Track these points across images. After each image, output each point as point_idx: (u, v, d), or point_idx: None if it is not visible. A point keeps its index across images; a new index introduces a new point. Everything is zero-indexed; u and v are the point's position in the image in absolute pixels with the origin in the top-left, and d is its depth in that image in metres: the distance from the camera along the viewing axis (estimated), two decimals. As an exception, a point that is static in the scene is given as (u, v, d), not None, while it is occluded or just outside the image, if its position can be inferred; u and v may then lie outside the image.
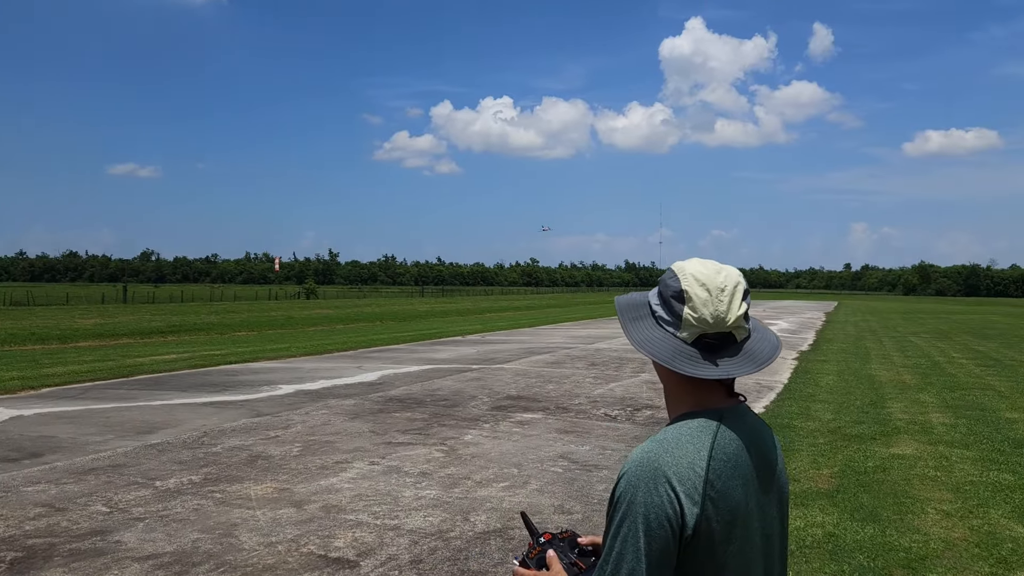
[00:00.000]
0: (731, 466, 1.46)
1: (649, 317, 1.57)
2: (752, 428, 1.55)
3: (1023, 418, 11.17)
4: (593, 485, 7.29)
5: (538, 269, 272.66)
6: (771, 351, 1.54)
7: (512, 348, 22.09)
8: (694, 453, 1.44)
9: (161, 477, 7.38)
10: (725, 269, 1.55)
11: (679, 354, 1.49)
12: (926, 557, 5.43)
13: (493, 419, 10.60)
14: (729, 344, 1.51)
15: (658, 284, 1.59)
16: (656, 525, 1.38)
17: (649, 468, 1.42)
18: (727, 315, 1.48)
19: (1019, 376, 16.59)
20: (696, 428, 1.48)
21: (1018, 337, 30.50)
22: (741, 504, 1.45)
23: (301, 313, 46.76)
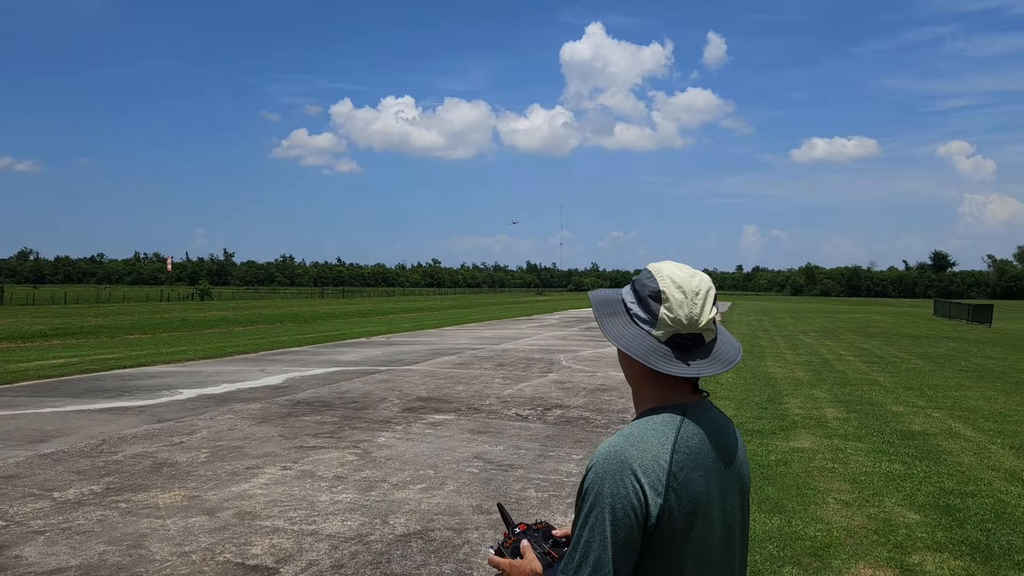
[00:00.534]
0: (693, 458, 1.53)
1: (623, 314, 1.64)
2: (715, 422, 1.63)
3: (908, 411, 11.86)
4: (510, 484, 7.35)
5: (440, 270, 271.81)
6: (735, 352, 1.64)
7: (419, 349, 21.98)
8: (658, 446, 1.52)
9: (59, 488, 7.02)
10: (698, 274, 1.63)
11: (654, 352, 1.57)
12: (830, 545, 5.71)
13: (405, 421, 10.54)
14: (698, 345, 1.59)
15: (632, 283, 1.66)
16: (622, 515, 1.47)
17: (615, 461, 1.50)
18: (700, 317, 1.57)
19: (901, 372, 17.59)
20: (661, 422, 1.56)
21: (898, 335, 32.31)
22: (703, 494, 1.53)
23: (196, 315, 45.21)
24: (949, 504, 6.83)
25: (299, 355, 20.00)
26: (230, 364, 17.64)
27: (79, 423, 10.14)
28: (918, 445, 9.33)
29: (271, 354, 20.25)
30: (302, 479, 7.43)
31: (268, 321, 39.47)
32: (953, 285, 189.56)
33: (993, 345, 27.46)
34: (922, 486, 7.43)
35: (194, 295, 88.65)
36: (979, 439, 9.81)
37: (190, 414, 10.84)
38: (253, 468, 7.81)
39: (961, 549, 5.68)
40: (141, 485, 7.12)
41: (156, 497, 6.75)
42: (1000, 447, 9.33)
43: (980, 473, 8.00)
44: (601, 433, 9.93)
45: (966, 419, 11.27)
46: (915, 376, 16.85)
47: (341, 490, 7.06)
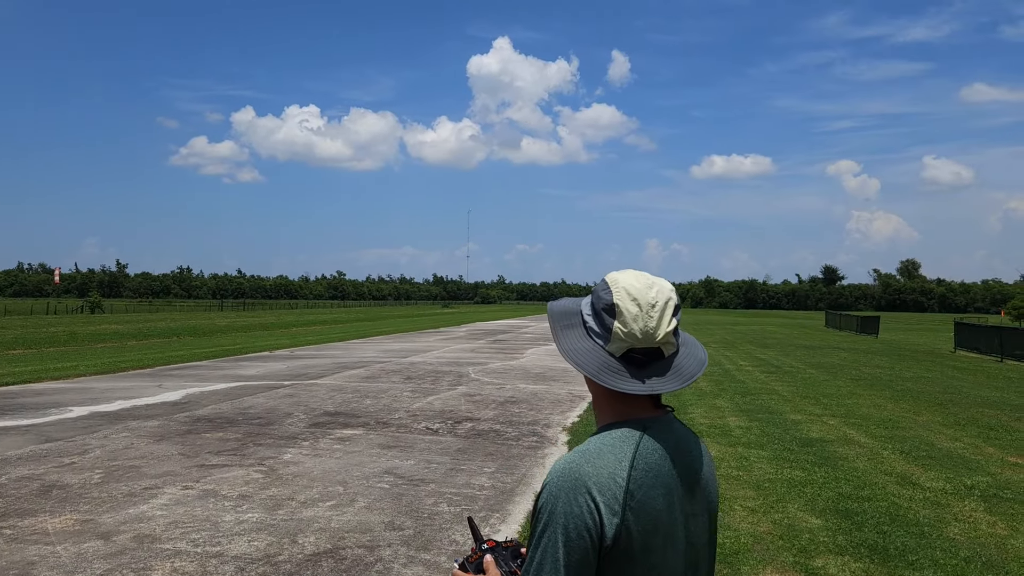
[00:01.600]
0: (653, 476, 1.46)
1: (580, 327, 1.57)
2: (678, 438, 1.54)
3: (806, 419, 12.31)
4: (422, 499, 7.24)
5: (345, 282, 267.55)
6: (697, 366, 1.55)
7: (324, 363, 21.54)
8: (615, 463, 1.44)
9: (-64, 514, 6.53)
10: (657, 284, 1.55)
11: (606, 368, 1.49)
12: (739, 551, 5.84)
13: (312, 436, 10.28)
14: (657, 359, 1.51)
15: (591, 294, 1.58)
16: (575, 535, 1.39)
17: (570, 478, 1.42)
18: (656, 331, 1.49)
19: (798, 381, 18.27)
20: (619, 438, 1.48)
21: (793, 346, 33.59)
22: (663, 513, 1.45)
23: (86, 328, 43.09)
24: (848, 508, 7.10)
25: (198, 370, 19.30)
26: (124, 380, 16.87)
27: (-42, 444, 9.48)
28: (817, 452, 9.69)
29: (168, 369, 19.48)
30: (205, 499, 7.14)
31: (164, 335, 37.97)
32: (842, 298, 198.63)
33: (881, 355, 28.88)
34: (822, 491, 7.70)
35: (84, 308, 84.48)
36: (872, 445, 10.26)
37: (81, 433, 10.30)
38: (152, 488, 7.46)
39: (860, 552, 5.91)
40: (28, 510, 6.70)
41: (45, 522, 6.36)
42: (891, 452, 9.78)
43: (874, 478, 8.36)
44: (512, 446, 9.93)
45: (859, 426, 11.77)
46: (811, 385, 17.52)
47: (247, 509, 6.81)
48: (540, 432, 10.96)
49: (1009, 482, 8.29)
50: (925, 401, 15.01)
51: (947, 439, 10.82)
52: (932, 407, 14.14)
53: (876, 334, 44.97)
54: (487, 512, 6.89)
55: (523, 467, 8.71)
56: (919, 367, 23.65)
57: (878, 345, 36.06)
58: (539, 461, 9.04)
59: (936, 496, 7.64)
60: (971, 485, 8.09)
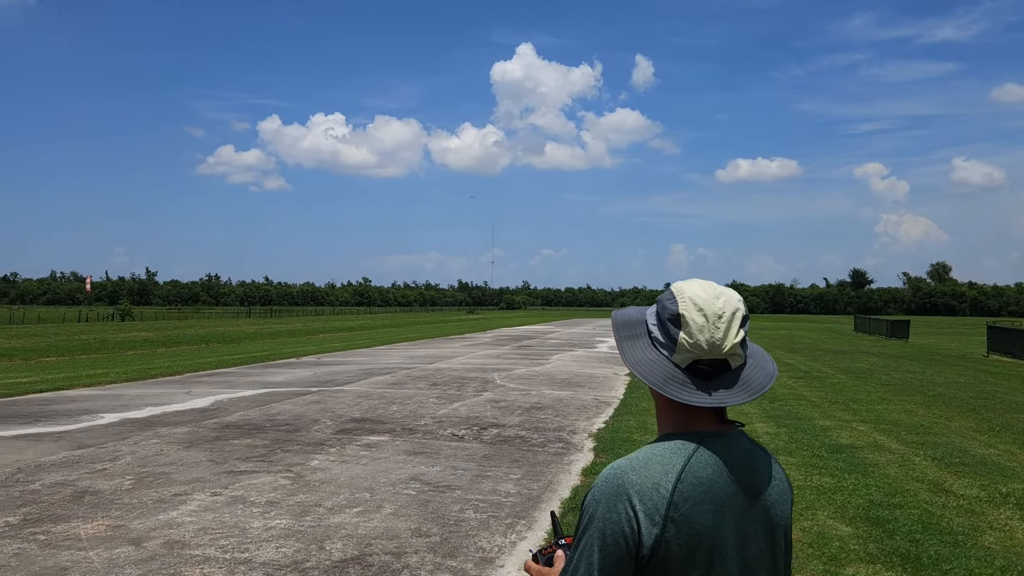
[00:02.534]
0: (702, 490, 1.43)
1: (644, 337, 1.55)
2: (741, 455, 1.50)
3: (835, 425, 12.17)
4: (448, 506, 7.25)
5: (370, 289, 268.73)
6: (766, 379, 1.51)
7: (350, 369, 21.65)
8: (661, 474, 1.42)
9: (-29, 520, 6.64)
10: (725, 294, 1.53)
11: (672, 379, 1.47)
12: (768, 559, 5.77)
13: (339, 443, 10.33)
14: (724, 371, 1.48)
15: (656, 303, 1.57)
16: (611, 541, 1.39)
17: (613, 485, 1.43)
18: (723, 342, 1.46)
19: (827, 387, 18.08)
20: (670, 449, 1.46)
21: (821, 350, 33.25)
22: (711, 530, 1.42)
23: (117, 336, 43.68)
24: (879, 516, 7.01)
25: (227, 376, 19.48)
26: (154, 386, 17.07)
27: (-8, 451, 9.64)
28: (846, 458, 9.57)
29: (197, 376, 19.67)
30: (233, 505, 7.19)
31: (193, 342, 38.38)
32: (871, 302, 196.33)
33: (911, 359, 28.48)
34: (852, 499, 7.60)
35: (114, 315, 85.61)
36: (903, 451, 10.11)
37: (113, 439, 10.43)
38: (181, 495, 7.53)
39: (892, 560, 5.82)
40: (61, 515, 6.79)
41: (78, 528, 6.44)
42: (923, 459, 9.63)
43: (906, 485, 8.24)
44: (538, 452, 9.91)
45: (890, 432, 11.62)
46: (840, 390, 17.33)
47: (274, 515, 6.86)
48: (566, 439, 10.93)
49: (1045, 489, 8.13)
50: (957, 407, 14.78)
51: (981, 445, 10.65)
52: (965, 413, 13.92)
53: (906, 338, 44.39)
54: (513, 519, 6.88)
55: (549, 474, 8.69)
56: (951, 372, 23.30)
57: (908, 349, 35.59)
58: (565, 468, 9.02)
59: (970, 504, 7.51)
60: (1006, 493, 7.95)
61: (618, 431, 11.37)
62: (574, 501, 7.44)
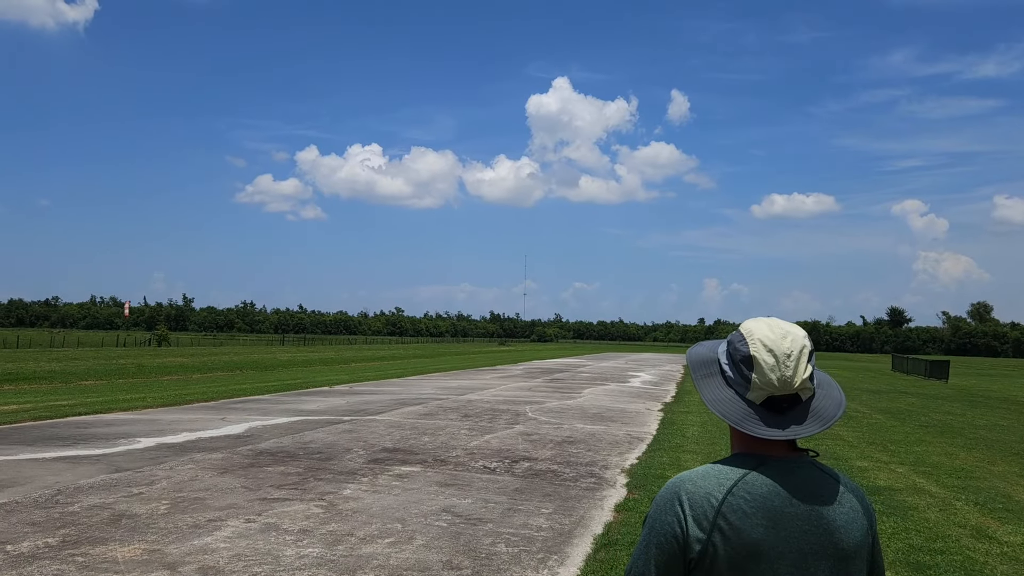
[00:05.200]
0: (755, 505, 1.53)
1: (718, 375, 1.67)
2: (803, 479, 1.58)
3: (873, 466, 11.94)
4: (480, 539, 7.22)
5: (403, 318, 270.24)
6: (835, 408, 1.61)
7: (383, 399, 21.72)
8: (715, 486, 1.56)
9: (12, 540, 6.75)
10: (791, 333, 1.63)
11: (748, 416, 1.59)
12: (805, 602, 5.67)
13: (371, 472, 10.36)
14: (795, 404, 1.59)
15: (727, 342, 1.69)
16: (664, 541, 1.56)
17: (670, 491, 1.60)
18: (794, 379, 1.56)
19: (863, 427, 17.77)
20: (729, 466, 1.60)
21: (858, 390, 32.69)
22: (762, 543, 1.51)
23: (153, 361, 44.30)
24: (919, 561, 6.85)
25: (260, 403, 19.65)
26: (189, 412, 17.27)
27: (33, 472, 9.81)
28: (885, 500, 9.38)
29: (231, 402, 19.87)
30: (267, 532, 7.23)
31: (228, 368, 38.80)
32: (909, 341, 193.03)
33: (951, 401, 27.91)
34: (891, 542, 7.45)
35: (151, 341, 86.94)
36: (944, 495, 9.90)
37: (149, 464, 10.56)
38: (216, 520, 7.59)
39: (934, 607, 5.68)
40: (99, 538, 6.88)
41: (115, 551, 6.52)
42: (965, 503, 9.42)
43: (947, 530, 8.05)
44: (570, 487, 9.85)
45: (929, 474, 11.38)
46: (878, 431, 17.02)
47: (307, 544, 6.88)
48: (598, 474, 10.85)
49: (1092, 538, 7.90)
50: (1000, 450, 14.44)
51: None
52: (1008, 457, 13.59)
53: (946, 379, 43.50)
54: (545, 554, 6.83)
55: (581, 509, 8.63)
56: (993, 414, 22.78)
57: (948, 390, 34.87)
58: (597, 503, 8.95)
59: (1015, 551, 7.32)
60: (1051, 540, 7.73)
61: (651, 467, 11.27)
62: (607, 537, 7.38)
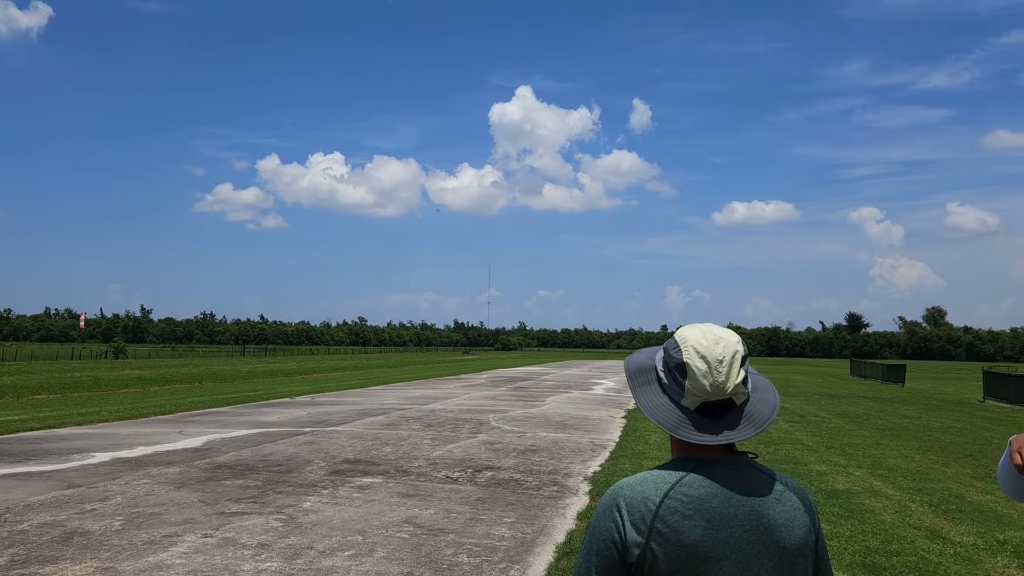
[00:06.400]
0: (693, 507, 1.55)
1: (655, 383, 1.69)
2: (741, 480, 1.61)
3: (831, 470, 12.10)
4: (441, 550, 7.17)
5: (366, 328, 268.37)
6: (769, 412, 1.65)
7: (345, 410, 21.53)
8: (653, 490, 1.57)
9: (-42, 561, 6.55)
10: (724, 339, 1.65)
11: (683, 423, 1.62)
12: (764, 607, 5.71)
13: (332, 484, 10.24)
14: (729, 409, 1.62)
15: (663, 349, 1.71)
16: (603, 547, 1.57)
17: (609, 498, 1.62)
18: (726, 384, 1.60)
19: (822, 431, 18.01)
20: (667, 471, 1.62)
21: (817, 394, 33.19)
22: (701, 544, 1.53)
23: (110, 374, 43.45)
24: (875, 563, 6.95)
25: (220, 416, 19.36)
26: (146, 425, 16.95)
27: (-19, 490, 9.54)
28: (843, 504, 9.51)
29: (190, 415, 19.55)
30: (224, 547, 7.11)
31: (186, 380, 38.19)
32: (867, 346, 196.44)
33: (907, 404, 28.44)
34: (849, 545, 7.55)
35: (108, 353, 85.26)
36: (900, 497, 10.06)
37: (103, 479, 10.33)
38: (171, 536, 7.45)
39: (890, 608, 5.76)
40: (49, 556, 6.71)
41: (66, 569, 6.36)
42: (920, 505, 9.58)
43: (903, 531, 8.18)
44: (533, 495, 9.83)
45: (886, 477, 11.56)
46: (836, 435, 17.27)
47: (266, 558, 6.78)
48: (561, 482, 10.85)
49: (1042, 537, 8.08)
50: (954, 452, 14.73)
51: (977, 492, 10.60)
52: (961, 458, 13.87)
53: (902, 383, 44.33)
54: (507, 563, 6.81)
55: (544, 517, 8.62)
56: (947, 417, 23.25)
57: (904, 394, 35.53)
58: (560, 512, 8.94)
59: (967, 551, 7.46)
60: (1003, 540, 7.90)
61: (614, 474, 11.30)
62: (569, 545, 7.37)
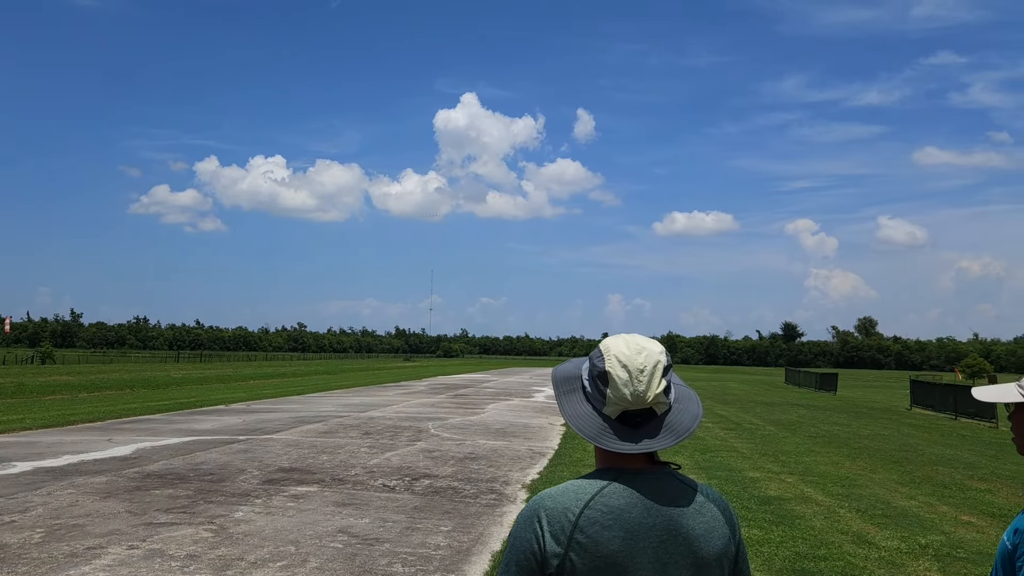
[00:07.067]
0: (612, 518, 1.55)
1: (580, 391, 1.70)
2: (661, 490, 1.61)
3: (764, 477, 12.33)
4: (376, 559, 7.09)
5: (305, 334, 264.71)
6: (690, 422, 1.65)
7: (281, 417, 21.17)
8: (573, 501, 1.58)
9: None
10: (647, 349, 1.66)
11: (603, 431, 1.62)
12: (695, 613, 5.78)
13: (265, 493, 10.05)
14: (651, 418, 1.63)
15: (589, 359, 1.72)
16: (523, 558, 1.58)
17: (531, 508, 1.62)
18: (647, 394, 1.60)
19: (757, 438, 18.35)
20: (588, 481, 1.62)
21: (752, 402, 33.81)
22: (619, 555, 1.53)
23: (36, 380, 41.95)
24: (804, 568, 7.09)
25: (151, 423, 18.85)
26: (73, 433, 16.41)
27: None
28: (774, 510, 9.69)
29: (119, 422, 18.99)
30: (150, 559, 6.91)
31: (117, 387, 37.09)
32: (801, 354, 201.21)
33: (839, 412, 29.17)
34: (779, 551, 7.69)
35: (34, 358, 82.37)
36: (829, 503, 10.30)
37: (24, 489, 9.96)
38: (95, 548, 7.21)
39: (817, 613, 5.88)
40: (-37, 571, 6.43)
41: (-20, 584, 6.10)
42: (848, 511, 9.82)
43: (831, 536, 8.37)
44: (470, 504, 9.80)
45: (817, 483, 11.82)
46: (770, 442, 17.61)
47: (194, 570, 6.61)
48: (499, 490, 10.84)
49: (962, 541, 8.36)
50: (882, 458, 15.16)
51: (902, 497, 10.91)
52: (888, 465, 14.27)
53: (835, 391, 45.46)
54: (442, 573, 6.76)
55: (481, 526, 8.59)
56: (876, 424, 23.91)
57: (836, 402, 36.44)
58: (497, 520, 8.92)
59: (891, 555, 7.67)
60: (925, 544, 8.14)
61: (552, 481, 11.32)
62: (504, 554, 7.35)
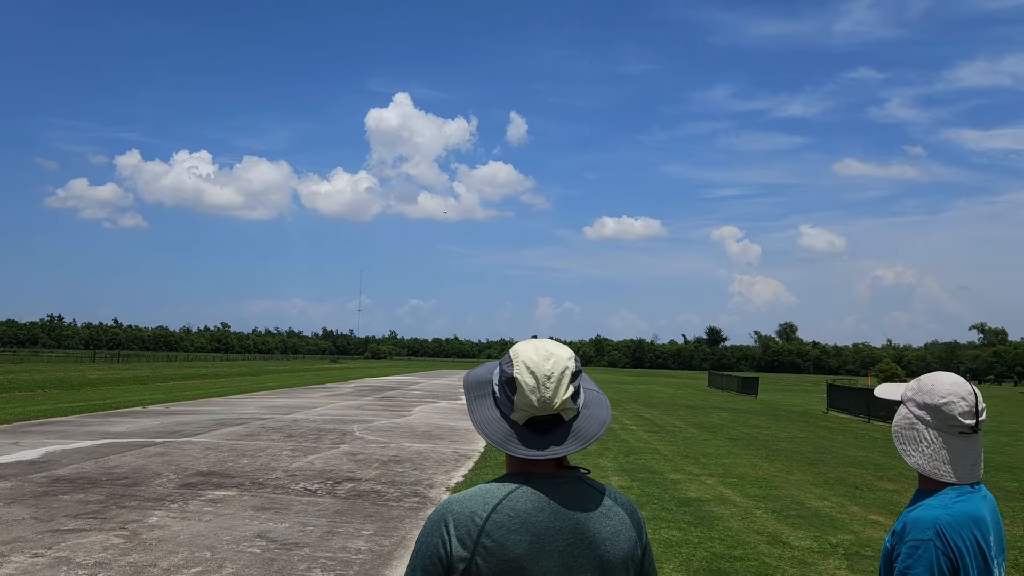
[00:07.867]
0: (519, 522, 1.55)
1: (490, 396, 1.69)
2: (568, 495, 1.61)
3: (685, 479, 12.57)
4: (294, 565, 6.97)
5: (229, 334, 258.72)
6: (597, 428, 1.65)
7: (201, 419, 20.64)
8: (480, 505, 1.58)
9: None
10: (555, 355, 1.65)
11: (510, 437, 1.62)
12: (613, 614, 5.85)
13: (182, 498, 9.78)
14: (557, 424, 1.62)
15: (499, 364, 1.71)
16: (428, 562, 1.57)
17: (439, 513, 1.61)
18: (553, 400, 1.59)
19: (678, 441, 18.70)
20: (496, 485, 1.62)
21: (676, 405, 34.44)
22: (525, 558, 1.54)
23: (-61, 380, 40.01)
24: (720, 568, 7.25)
25: (62, 426, 18.15)
26: (-23, 436, 15.68)
27: None
28: (693, 511, 9.89)
29: (28, 425, 18.24)
30: (56, 567, 6.65)
31: (27, 388, 35.62)
32: (725, 358, 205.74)
33: (759, 415, 29.94)
34: (697, 552, 7.85)
35: (-61, 357, 78.42)
36: (746, 504, 10.55)
37: (-78, 495, 9.48)
38: (-4, 557, 6.90)
39: (730, 612, 6.01)
40: None
41: None
42: (764, 511, 10.08)
43: (747, 537, 8.58)
44: (393, 507, 9.72)
45: (735, 485, 12.11)
46: (691, 444, 17.96)
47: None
48: (423, 492, 10.78)
49: (870, 540, 8.67)
50: (798, 460, 15.61)
51: (816, 498, 11.26)
52: (804, 466, 14.71)
53: (756, 394, 46.65)
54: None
55: (403, 529, 8.53)
56: (794, 427, 24.62)
57: (757, 405, 37.39)
58: (419, 523, 8.87)
59: (803, 555, 7.90)
60: (836, 544, 8.41)
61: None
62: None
